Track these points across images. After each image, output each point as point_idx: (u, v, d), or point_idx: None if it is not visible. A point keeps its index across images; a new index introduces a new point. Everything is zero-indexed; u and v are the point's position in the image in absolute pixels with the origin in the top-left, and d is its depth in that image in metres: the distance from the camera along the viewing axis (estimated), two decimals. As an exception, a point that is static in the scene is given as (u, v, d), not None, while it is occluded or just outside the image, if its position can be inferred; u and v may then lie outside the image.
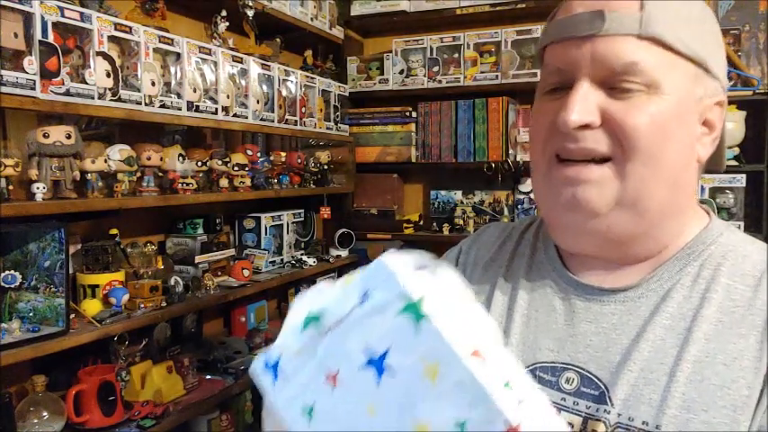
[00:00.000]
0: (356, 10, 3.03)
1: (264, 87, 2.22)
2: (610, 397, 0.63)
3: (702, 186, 2.57)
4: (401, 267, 0.45)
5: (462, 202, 2.97)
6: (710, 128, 0.68)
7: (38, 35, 1.37)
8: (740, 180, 2.52)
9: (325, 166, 2.78)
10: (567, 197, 0.65)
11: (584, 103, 0.62)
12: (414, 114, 3.00)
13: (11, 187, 1.43)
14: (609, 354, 0.65)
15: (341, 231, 2.96)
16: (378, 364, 0.42)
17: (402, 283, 0.43)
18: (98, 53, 1.53)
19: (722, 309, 0.62)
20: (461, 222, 2.91)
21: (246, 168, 2.18)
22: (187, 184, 1.92)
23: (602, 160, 0.64)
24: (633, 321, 0.66)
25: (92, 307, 1.65)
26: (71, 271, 1.65)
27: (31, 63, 1.36)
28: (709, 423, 0.58)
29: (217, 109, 1.96)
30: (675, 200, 0.66)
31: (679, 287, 0.66)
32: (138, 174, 1.77)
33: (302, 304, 0.50)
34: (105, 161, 1.63)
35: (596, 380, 0.65)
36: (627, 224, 0.65)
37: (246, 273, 2.24)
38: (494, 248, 0.83)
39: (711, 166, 0.72)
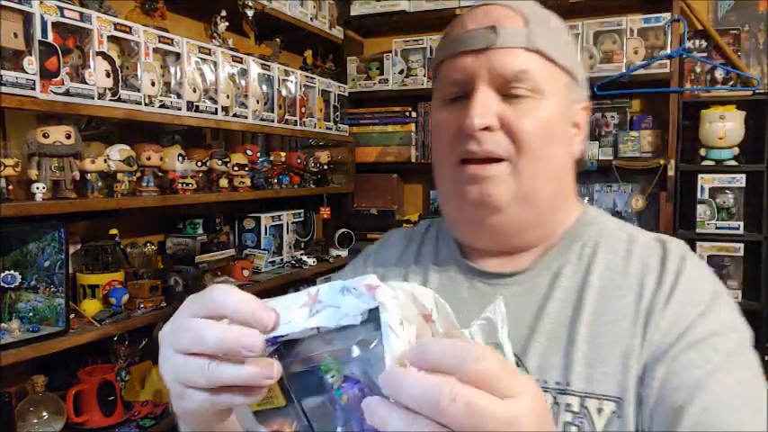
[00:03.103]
0: (356, 10, 3.03)
1: (264, 87, 2.22)
2: (525, 368, 0.71)
3: (702, 186, 2.57)
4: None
5: (462, 202, 2.96)
6: (579, 129, 0.79)
7: (38, 35, 1.37)
8: (740, 180, 2.52)
9: (325, 166, 2.78)
10: (474, 194, 0.73)
11: (485, 107, 0.70)
12: (413, 114, 3.00)
13: (11, 187, 1.42)
14: (516, 330, 0.71)
15: (341, 231, 2.96)
16: None
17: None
18: (98, 53, 1.53)
19: (603, 277, 0.73)
20: (461, 222, 2.90)
21: (246, 168, 2.18)
22: (187, 184, 1.92)
23: (500, 159, 0.72)
24: (533, 299, 0.75)
25: (91, 307, 1.65)
26: (71, 271, 1.65)
27: (31, 63, 1.36)
28: (607, 373, 0.67)
29: (217, 109, 1.96)
30: (560, 192, 0.77)
31: (568, 264, 0.76)
32: (138, 174, 1.77)
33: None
34: (105, 161, 1.63)
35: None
36: (522, 216, 0.75)
37: (246, 273, 2.25)
38: (398, 250, 0.91)
39: (579, 167, 0.83)
